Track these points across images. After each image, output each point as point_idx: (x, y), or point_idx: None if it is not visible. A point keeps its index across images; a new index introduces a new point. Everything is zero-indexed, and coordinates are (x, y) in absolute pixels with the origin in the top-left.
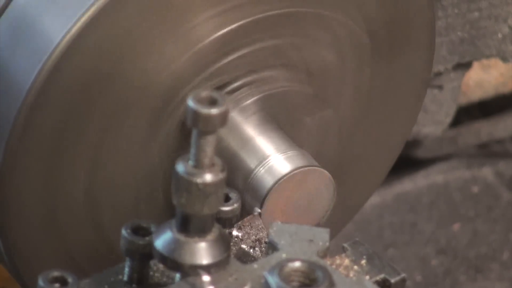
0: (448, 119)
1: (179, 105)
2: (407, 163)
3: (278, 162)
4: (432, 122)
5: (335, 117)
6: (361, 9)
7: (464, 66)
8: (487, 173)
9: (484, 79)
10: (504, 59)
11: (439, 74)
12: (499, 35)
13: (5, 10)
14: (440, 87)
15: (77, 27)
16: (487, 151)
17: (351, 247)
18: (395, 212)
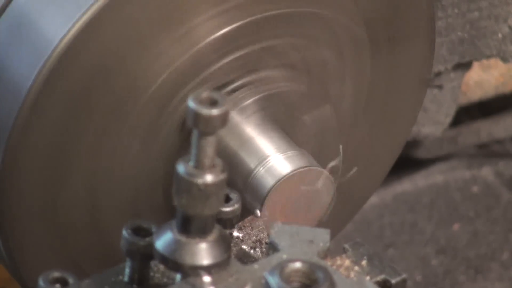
0: (448, 119)
1: (179, 105)
2: (407, 163)
3: (278, 162)
4: (432, 122)
5: (335, 117)
6: (361, 9)
7: (464, 66)
8: (487, 173)
9: (484, 79)
10: (504, 59)
11: (439, 74)
12: (499, 35)
13: (5, 10)
14: (440, 87)
15: (77, 27)
16: (487, 151)
17: (352, 247)
18: (395, 212)
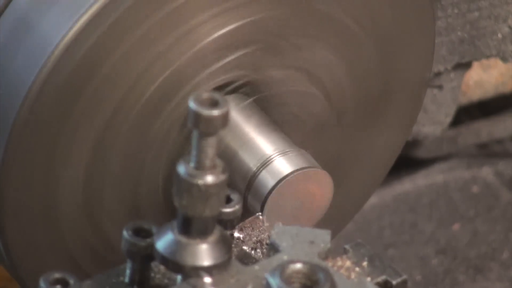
0: (448, 119)
1: (179, 105)
2: (407, 163)
3: (278, 162)
4: (432, 122)
5: (335, 117)
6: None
7: (464, 66)
8: (487, 173)
9: (484, 79)
10: (504, 59)
11: (439, 74)
12: (499, 35)
13: (5, 10)
14: (440, 87)
15: (77, 27)
16: (487, 151)
17: (353, 248)
18: (395, 212)
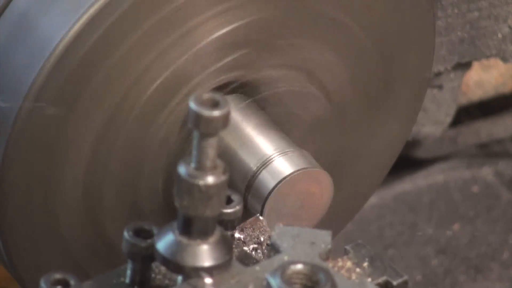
0: (448, 119)
1: (179, 105)
2: (407, 163)
3: (279, 162)
4: (432, 122)
5: (335, 117)
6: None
7: (464, 66)
8: (487, 173)
9: (484, 79)
10: (504, 59)
11: (439, 74)
12: (499, 35)
13: (5, 10)
14: (440, 87)
15: (77, 27)
16: (487, 151)
17: (353, 249)
18: (395, 212)
